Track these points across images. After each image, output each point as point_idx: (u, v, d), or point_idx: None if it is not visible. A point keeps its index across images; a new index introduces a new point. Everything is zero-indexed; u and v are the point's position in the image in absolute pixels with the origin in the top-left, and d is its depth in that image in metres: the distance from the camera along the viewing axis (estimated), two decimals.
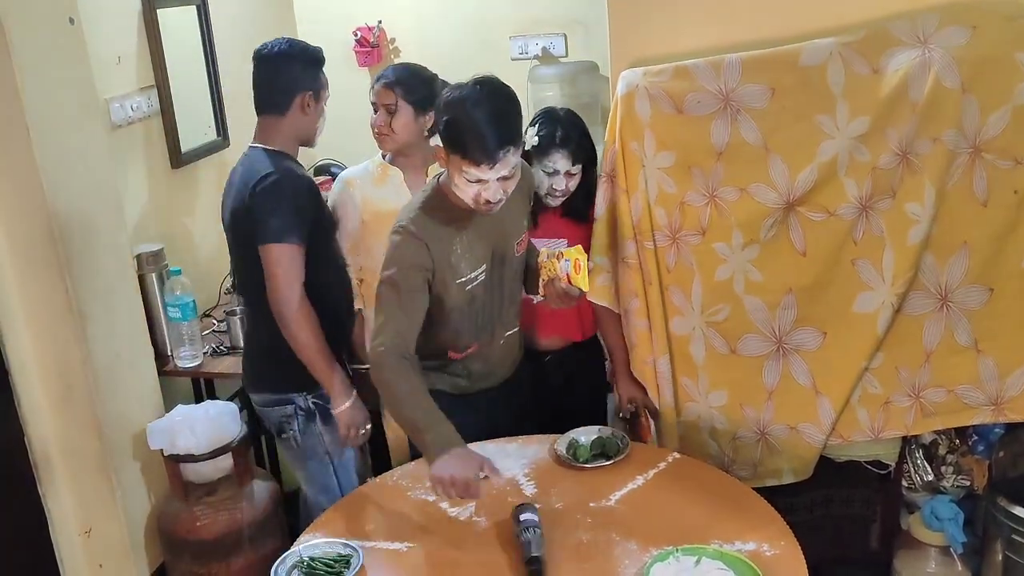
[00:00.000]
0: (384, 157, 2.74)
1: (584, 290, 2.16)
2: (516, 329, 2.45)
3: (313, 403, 2.56)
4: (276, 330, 2.41)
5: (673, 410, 2.61)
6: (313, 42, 2.57)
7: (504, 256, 2.29)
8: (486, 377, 2.42)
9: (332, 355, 2.45)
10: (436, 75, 2.70)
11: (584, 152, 2.53)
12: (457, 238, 2.19)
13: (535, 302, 2.54)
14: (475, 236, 2.22)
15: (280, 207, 2.39)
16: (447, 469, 1.96)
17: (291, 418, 2.57)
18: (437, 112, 2.12)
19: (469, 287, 2.24)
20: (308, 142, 2.58)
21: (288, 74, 2.47)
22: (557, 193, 2.53)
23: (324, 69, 2.55)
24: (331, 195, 2.75)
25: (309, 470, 2.66)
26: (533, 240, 2.49)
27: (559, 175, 2.50)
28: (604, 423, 2.68)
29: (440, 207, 2.18)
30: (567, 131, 2.50)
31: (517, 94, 2.13)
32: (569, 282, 2.16)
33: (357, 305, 2.75)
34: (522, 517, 1.93)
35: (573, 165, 2.50)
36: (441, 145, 2.10)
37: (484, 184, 2.06)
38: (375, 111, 2.67)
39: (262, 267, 2.39)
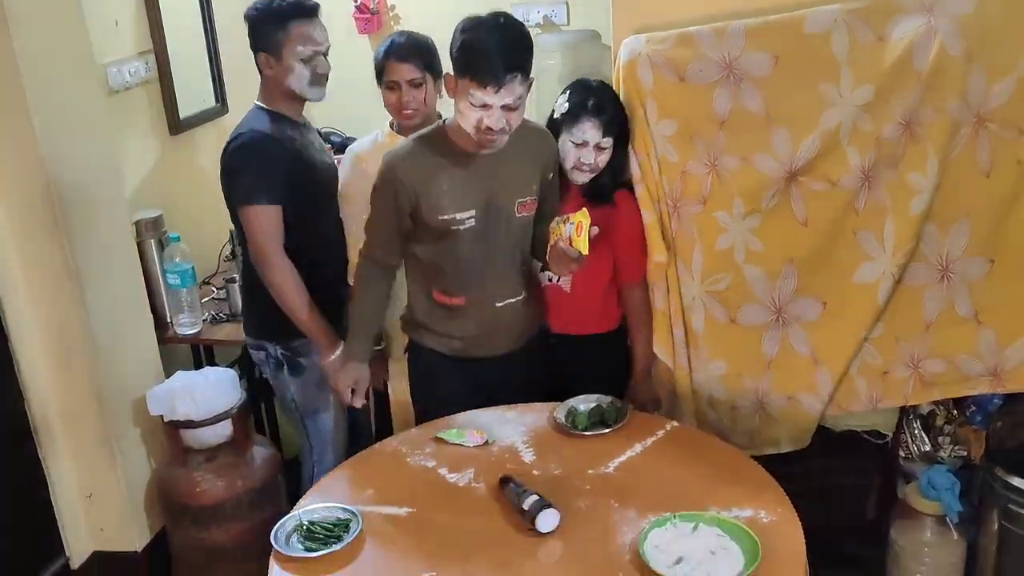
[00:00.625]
0: (392, 127, 2.64)
1: (583, 252, 2.11)
2: (519, 299, 2.40)
3: (282, 353, 2.66)
4: (252, 280, 2.56)
5: (688, 376, 2.61)
6: None
7: (500, 210, 2.27)
8: (483, 343, 2.40)
9: (315, 309, 2.52)
10: None
11: (617, 126, 2.41)
12: (445, 174, 2.22)
13: (544, 282, 2.53)
14: (466, 178, 2.23)
15: (246, 168, 2.47)
16: (337, 375, 2.44)
17: (264, 363, 2.73)
18: (453, 38, 2.13)
19: (454, 228, 2.24)
20: (296, 97, 2.56)
21: (250, 36, 2.54)
22: (585, 168, 2.41)
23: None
24: (342, 171, 2.68)
25: (287, 419, 2.81)
26: None
27: (588, 147, 2.39)
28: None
29: (437, 141, 2.24)
30: (600, 100, 2.39)
31: None
32: (571, 244, 2.13)
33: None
34: (515, 481, 1.95)
35: (604, 137, 2.38)
36: (452, 73, 2.13)
37: (488, 110, 2.09)
38: (391, 88, 2.54)
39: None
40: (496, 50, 2.06)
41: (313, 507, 1.98)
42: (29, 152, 2.47)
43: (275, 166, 2.47)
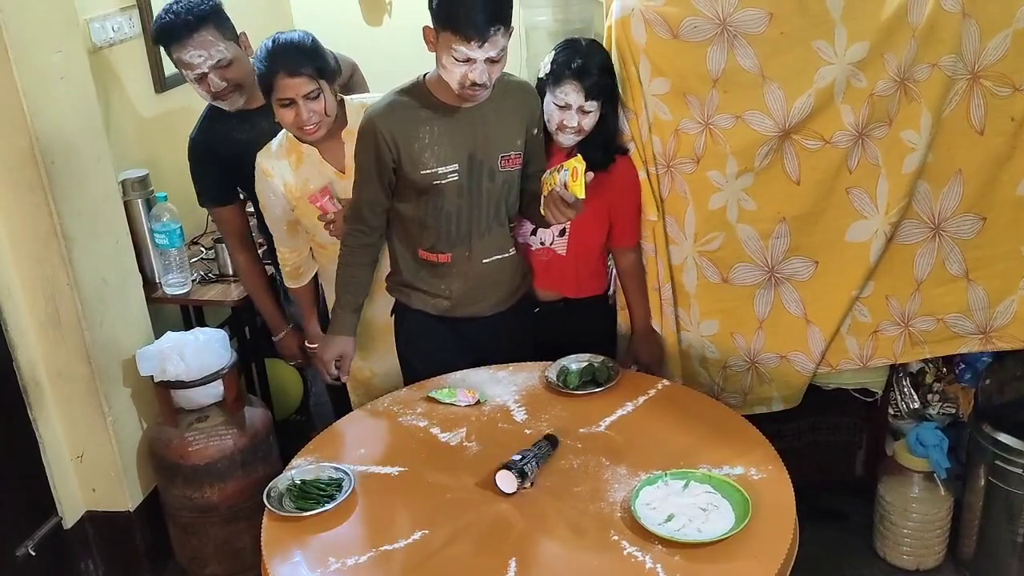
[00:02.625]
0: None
1: (579, 196, 2.06)
2: (507, 255, 2.38)
3: None
4: None
5: (675, 335, 2.61)
6: None
7: (483, 164, 2.25)
8: (471, 301, 2.39)
9: (268, 293, 2.82)
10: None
11: (602, 90, 2.33)
12: (426, 127, 2.19)
13: (537, 246, 2.49)
14: (448, 132, 2.20)
15: (193, 174, 2.69)
16: (321, 348, 2.48)
17: None
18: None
19: (436, 182, 2.22)
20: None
21: None
22: (568, 130, 2.34)
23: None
24: (255, 183, 2.49)
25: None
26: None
27: (571, 110, 2.32)
28: None
29: (418, 94, 2.21)
30: (586, 62, 2.31)
31: None
32: (566, 189, 2.09)
33: (293, 283, 2.67)
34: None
35: (587, 100, 2.31)
36: (432, 27, 2.09)
37: (472, 64, 2.07)
38: (286, 106, 2.26)
39: None
40: (479, 3, 2.02)
41: (306, 467, 1.99)
42: (12, 108, 2.43)
43: (212, 169, 2.62)
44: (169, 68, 3.29)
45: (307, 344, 2.77)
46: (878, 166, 2.38)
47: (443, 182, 2.23)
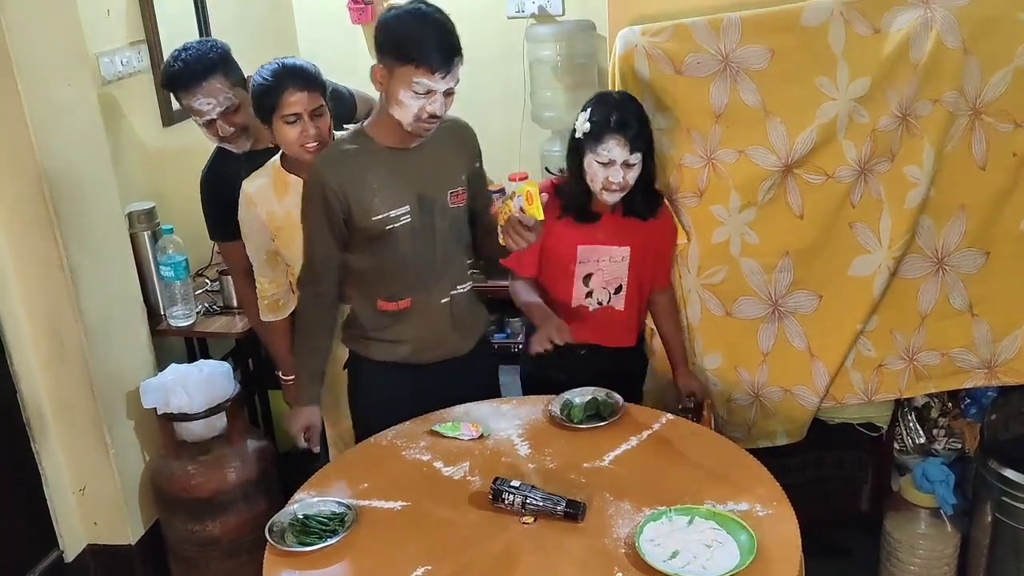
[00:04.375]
0: (282, 162, 2.40)
1: (539, 218, 2.05)
2: (464, 290, 2.33)
3: None
4: None
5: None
6: None
7: (434, 202, 2.22)
8: (432, 344, 2.32)
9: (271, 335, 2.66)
10: None
11: (643, 140, 2.28)
12: (373, 173, 2.16)
13: (593, 307, 2.45)
14: (395, 174, 2.17)
15: (204, 208, 2.71)
16: (288, 420, 2.39)
17: None
18: (385, 28, 2.07)
19: (389, 227, 2.18)
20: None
21: None
22: (614, 187, 2.28)
23: (317, 24, 2.49)
24: (239, 209, 2.47)
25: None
26: (585, 247, 2.39)
27: (615, 165, 2.26)
28: None
29: (360, 141, 2.18)
30: (623, 116, 2.25)
31: (514, 53, 2.11)
32: (523, 213, 2.08)
33: (271, 316, 2.57)
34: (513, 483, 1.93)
35: (632, 154, 2.25)
36: (382, 65, 2.06)
37: (432, 97, 2.05)
38: (290, 122, 2.25)
39: None
40: (441, 35, 2.04)
41: (308, 501, 1.98)
42: (21, 142, 2.45)
43: (221, 206, 2.58)
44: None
45: (282, 376, 2.68)
46: (881, 201, 2.38)
47: (396, 225, 2.18)
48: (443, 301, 2.30)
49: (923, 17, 2.23)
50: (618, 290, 2.44)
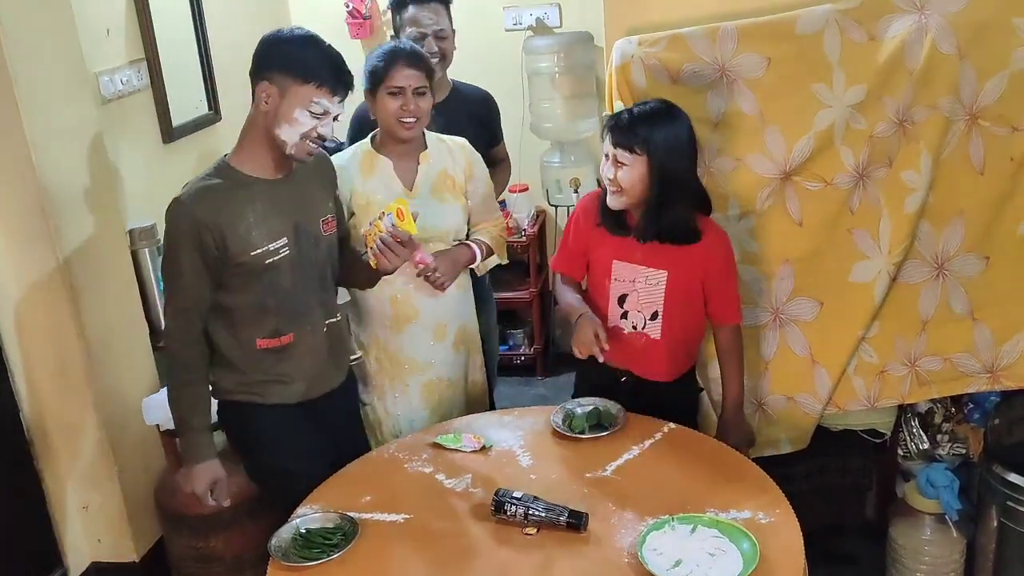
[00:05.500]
0: (372, 141, 2.49)
1: (412, 233, 2.09)
2: (338, 319, 2.30)
3: None
4: None
5: None
6: (305, 13, 2.55)
7: (309, 231, 2.17)
8: (322, 376, 2.26)
9: None
10: None
11: (640, 143, 2.17)
12: (248, 207, 2.08)
13: (629, 330, 2.32)
14: (271, 206, 2.11)
15: None
16: (189, 480, 2.19)
17: None
18: (277, 50, 2.05)
19: (269, 260, 2.10)
20: None
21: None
22: (609, 185, 2.21)
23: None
24: None
25: None
26: (620, 263, 2.30)
27: (609, 161, 2.20)
28: None
29: (227, 176, 2.10)
30: (621, 112, 2.23)
31: (512, 65, 2.13)
32: (395, 229, 2.10)
33: None
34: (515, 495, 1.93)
35: (617, 149, 2.18)
36: (272, 83, 2.02)
37: (325, 119, 2.05)
38: (394, 95, 2.36)
39: None
40: (342, 63, 2.05)
41: (311, 516, 1.98)
42: (22, 161, 2.47)
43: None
44: (177, 118, 3.35)
45: None
46: (880, 207, 2.39)
47: (276, 259, 2.11)
48: (323, 332, 2.25)
49: (917, 24, 2.24)
50: (654, 316, 2.30)
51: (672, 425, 2.25)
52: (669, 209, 2.19)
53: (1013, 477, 2.43)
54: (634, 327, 2.32)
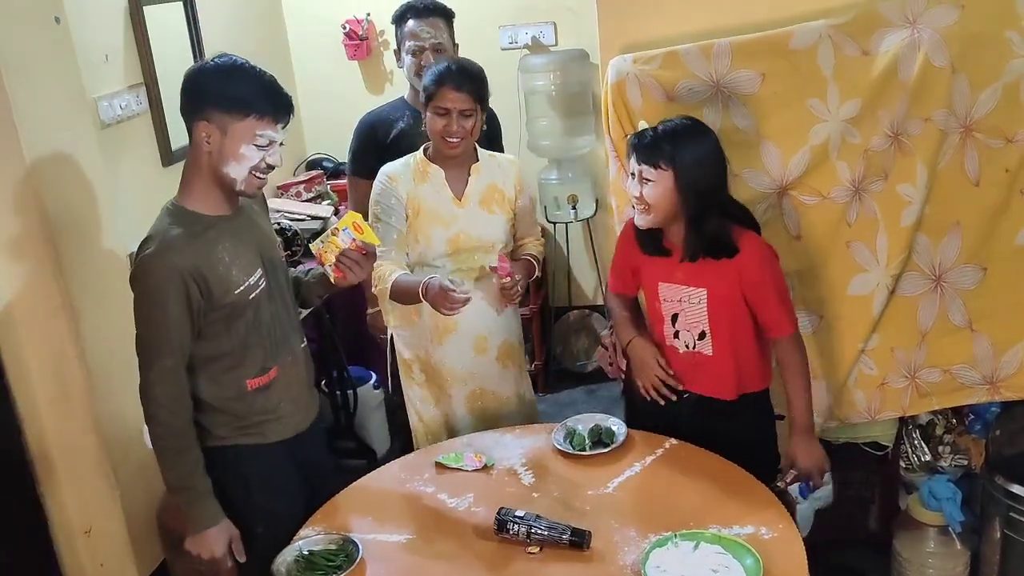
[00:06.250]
0: (426, 152, 2.53)
1: (376, 243, 2.11)
2: (304, 346, 2.26)
3: None
4: None
5: None
6: (302, 35, 2.55)
7: (274, 260, 2.18)
8: (298, 409, 2.22)
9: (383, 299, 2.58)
10: None
11: (664, 159, 2.14)
12: (220, 247, 2.03)
13: (682, 350, 2.28)
14: (238, 242, 2.07)
15: (352, 143, 2.98)
16: (205, 547, 2.08)
17: None
18: (197, 86, 2.01)
19: (252, 295, 2.07)
20: None
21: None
22: (637, 204, 2.18)
23: (313, 60, 2.52)
24: (373, 188, 2.57)
25: None
26: (665, 285, 2.27)
27: (635, 178, 2.18)
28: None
29: (189, 221, 2.03)
30: (645, 130, 2.19)
31: (509, 84, 2.14)
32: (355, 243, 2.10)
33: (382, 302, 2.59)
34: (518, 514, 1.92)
35: (642, 165, 2.15)
36: (209, 121, 1.97)
37: (271, 148, 2.02)
38: (440, 115, 2.42)
39: None
40: (275, 86, 2.02)
41: (313, 537, 1.97)
42: (22, 186, 2.47)
43: (372, 142, 2.92)
44: (176, 141, 3.36)
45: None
46: (876, 220, 2.40)
47: (255, 293, 2.08)
48: (301, 356, 2.24)
49: (910, 38, 2.26)
50: (702, 336, 2.26)
51: (674, 441, 2.25)
52: (704, 223, 2.16)
53: (1015, 488, 2.43)
54: (687, 346, 2.29)
